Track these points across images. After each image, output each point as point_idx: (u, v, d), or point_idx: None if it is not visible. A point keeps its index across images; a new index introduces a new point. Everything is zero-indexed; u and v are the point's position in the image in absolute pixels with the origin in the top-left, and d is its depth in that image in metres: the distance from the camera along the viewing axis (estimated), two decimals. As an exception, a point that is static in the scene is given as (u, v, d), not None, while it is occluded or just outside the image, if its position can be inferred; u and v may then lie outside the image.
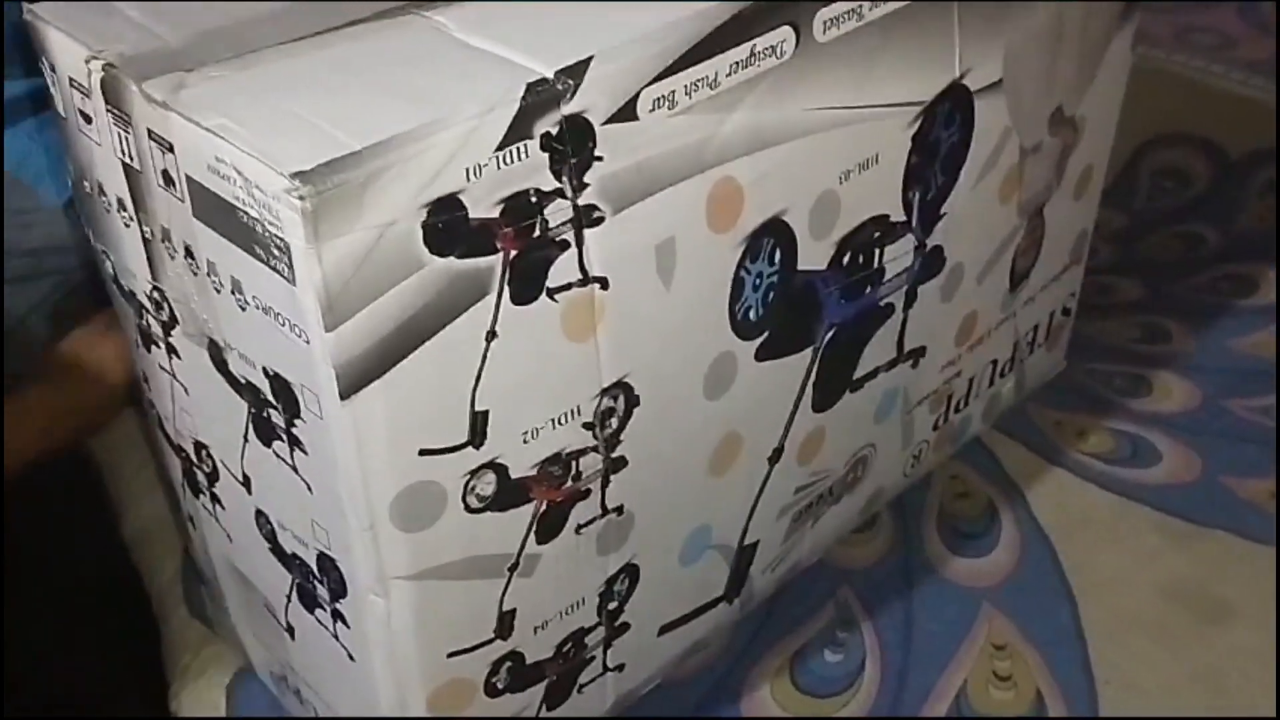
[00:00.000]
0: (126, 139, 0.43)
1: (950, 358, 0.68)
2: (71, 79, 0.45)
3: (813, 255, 0.53)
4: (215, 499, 0.53)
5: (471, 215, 0.40)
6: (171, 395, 0.51)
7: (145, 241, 0.46)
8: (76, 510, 0.76)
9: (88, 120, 0.45)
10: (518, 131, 0.40)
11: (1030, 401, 0.81)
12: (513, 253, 0.42)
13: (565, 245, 0.43)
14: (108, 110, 0.43)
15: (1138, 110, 0.75)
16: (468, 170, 0.39)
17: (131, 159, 0.43)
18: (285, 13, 0.46)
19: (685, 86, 0.45)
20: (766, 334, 0.53)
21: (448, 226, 0.39)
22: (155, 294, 0.47)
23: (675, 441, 0.52)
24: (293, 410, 0.42)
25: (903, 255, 0.59)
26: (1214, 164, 1.04)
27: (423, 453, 0.43)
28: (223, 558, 0.57)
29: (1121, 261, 0.95)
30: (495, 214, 0.41)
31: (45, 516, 0.73)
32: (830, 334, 0.57)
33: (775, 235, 0.51)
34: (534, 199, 0.41)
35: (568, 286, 0.44)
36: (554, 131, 0.41)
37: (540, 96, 0.41)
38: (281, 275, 0.38)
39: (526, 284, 0.42)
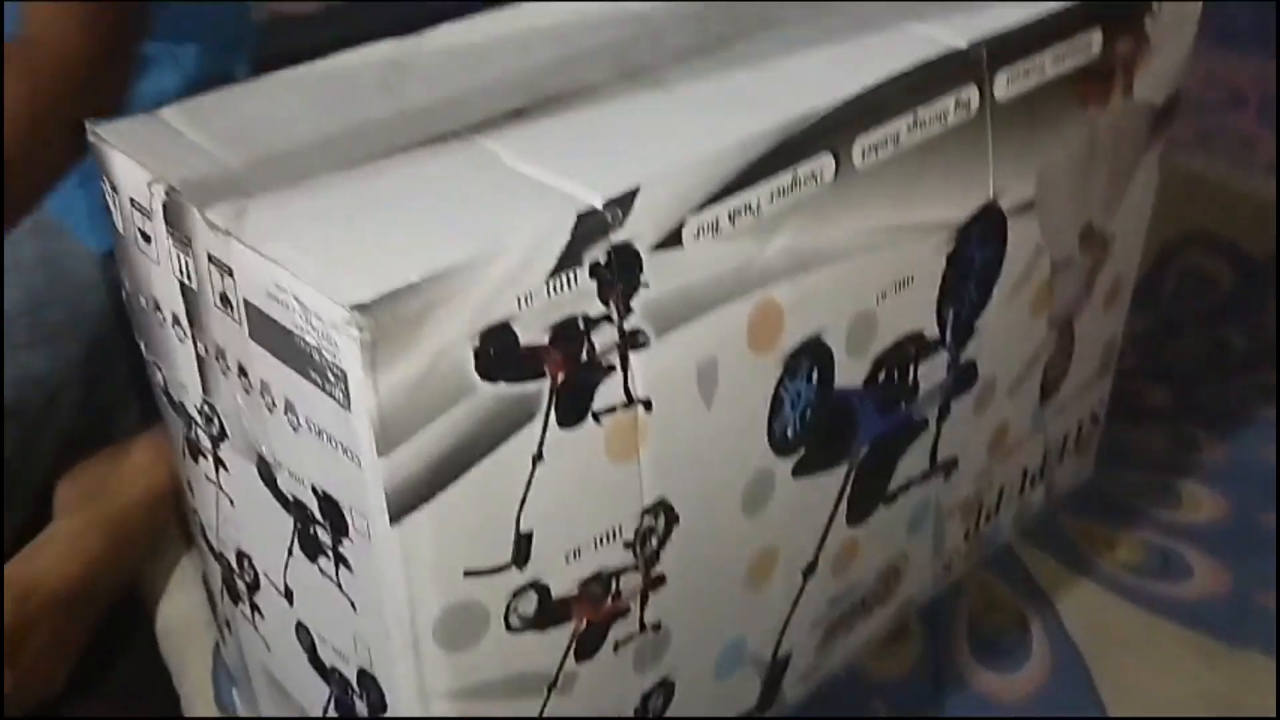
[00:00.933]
0: (185, 261, 0.44)
1: (982, 468, 0.69)
2: (133, 199, 0.46)
3: (850, 373, 0.54)
4: (255, 608, 0.54)
5: (522, 341, 0.41)
6: (216, 506, 0.52)
7: (199, 358, 0.47)
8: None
9: (147, 240, 0.46)
10: (568, 260, 0.41)
11: (1060, 510, 0.80)
12: (560, 377, 0.42)
13: (611, 369, 0.44)
14: (168, 233, 0.44)
15: (1161, 212, 0.76)
16: (519, 298, 0.40)
17: (190, 280, 0.44)
18: (340, 137, 0.47)
19: (729, 213, 0.46)
20: (803, 450, 0.54)
21: (499, 353, 0.40)
22: (206, 408, 0.48)
23: (713, 558, 0.52)
24: (340, 529, 0.43)
25: (937, 370, 0.59)
26: (1238, 267, 1.05)
27: (468, 573, 0.43)
28: (259, 665, 0.57)
29: (1149, 366, 0.95)
30: (544, 340, 0.41)
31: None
32: (865, 449, 0.57)
33: (814, 354, 0.52)
34: (582, 325, 0.42)
35: (612, 409, 0.44)
36: (602, 260, 0.42)
37: (590, 226, 0.42)
38: (336, 400, 0.39)
39: (573, 407, 0.43)
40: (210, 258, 0.42)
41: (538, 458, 0.43)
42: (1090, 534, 0.79)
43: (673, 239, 0.44)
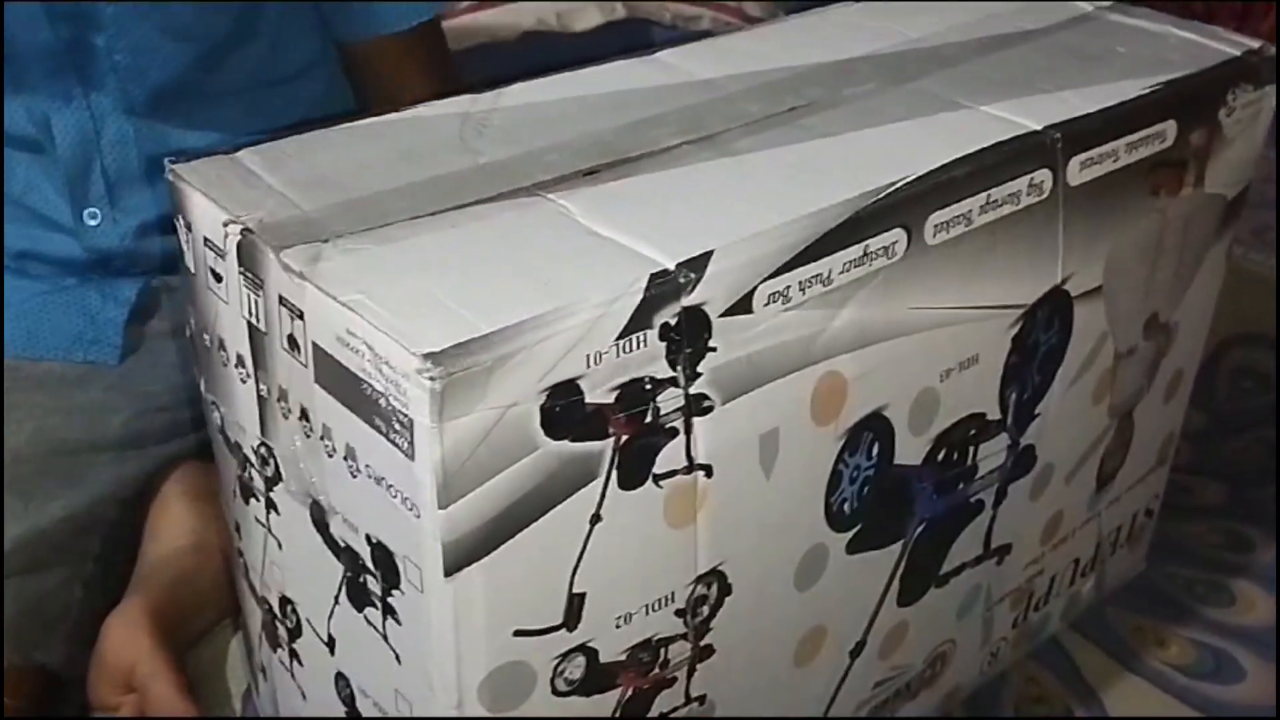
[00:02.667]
0: (256, 301, 0.44)
1: (1034, 556, 0.67)
2: (207, 238, 0.46)
3: (910, 450, 0.53)
4: (294, 655, 0.53)
5: (588, 400, 0.40)
6: (264, 548, 0.51)
7: (260, 399, 0.47)
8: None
9: (217, 279, 0.46)
10: (639, 321, 0.41)
11: (1109, 603, 0.79)
12: (624, 438, 0.42)
13: (674, 433, 0.43)
14: (240, 273, 0.44)
15: (1217, 308, 0.75)
16: (589, 357, 0.40)
17: (258, 321, 0.44)
18: (416, 188, 0.47)
19: (800, 283, 0.45)
20: (859, 527, 0.53)
21: (565, 410, 0.40)
22: (263, 449, 0.48)
23: (763, 632, 0.51)
24: (392, 580, 0.42)
25: (996, 453, 0.58)
26: (1293, 367, 1.03)
27: (517, 633, 0.42)
28: (292, 713, 0.56)
29: (1202, 463, 0.93)
30: (610, 400, 0.41)
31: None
32: (920, 528, 0.56)
33: (875, 430, 0.51)
34: (648, 386, 0.42)
35: (673, 473, 0.44)
36: (672, 322, 0.42)
37: (662, 288, 0.41)
38: (400, 449, 0.39)
39: (634, 469, 0.43)
40: (281, 299, 0.43)
41: (596, 518, 0.42)
42: (1140, 629, 0.77)
43: (743, 305, 0.44)
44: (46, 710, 0.66)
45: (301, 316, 0.42)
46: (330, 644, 0.49)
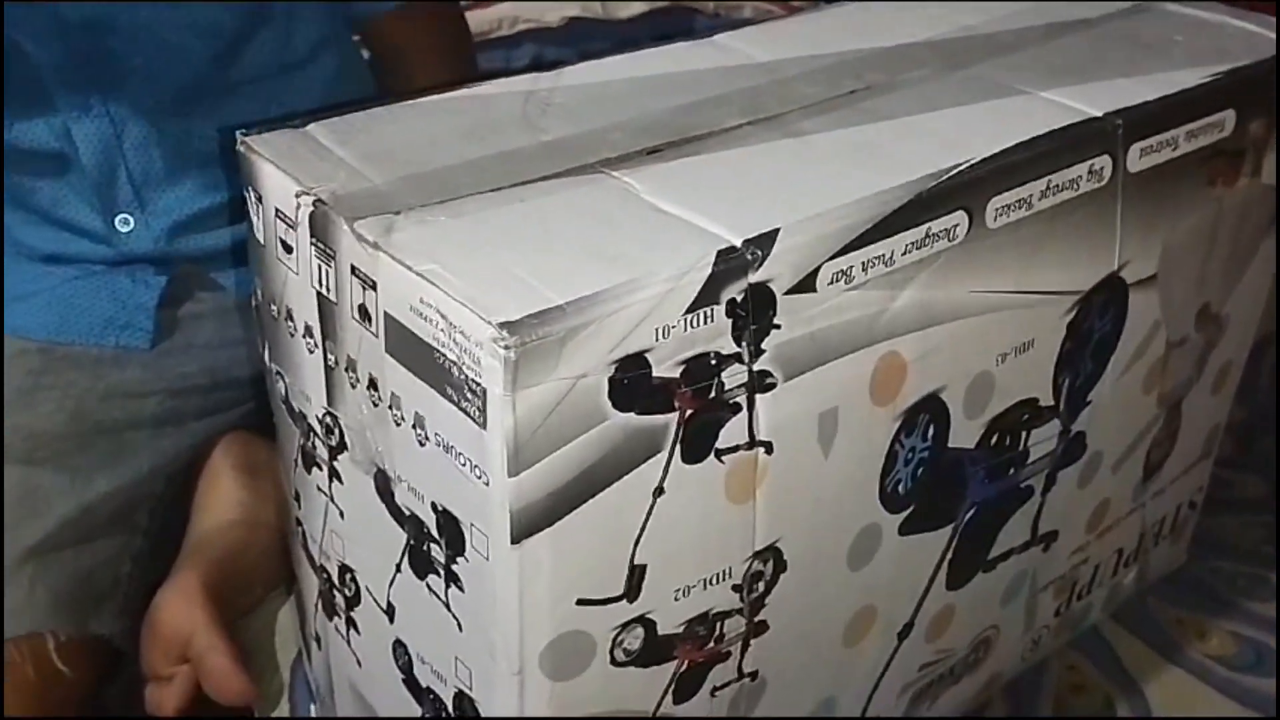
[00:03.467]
0: (326, 271, 0.45)
1: (1080, 544, 0.67)
2: (278, 210, 0.47)
3: (964, 434, 0.53)
4: (351, 623, 0.54)
5: (655, 373, 0.41)
6: (325, 517, 0.52)
7: (327, 369, 0.47)
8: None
9: (288, 250, 0.47)
10: (707, 297, 0.41)
11: (1150, 595, 0.79)
12: (689, 412, 0.42)
13: (737, 408, 0.44)
14: (312, 243, 0.45)
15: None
16: (657, 330, 0.40)
17: (328, 290, 0.45)
18: (483, 163, 0.48)
19: (863, 263, 0.46)
20: (912, 508, 0.53)
21: (632, 383, 0.40)
22: (328, 419, 0.49)
23: (815, 610, 0.52)
24: (457, 548, 0.43)
25: (1047, 439, 0.58)
26: (1336, 363, 1.02)
27: (580, 602, 0.43)
28: (346, 681, 0.57)
29: (1244, 457, 0.93)
30: (676, 374, 0.41)
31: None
32: (971, 512, 0.57)
33: (932, 412, 0.51)
34: (714, 362, 0.42)
35: (735, 448, 0.44)
36: (739, 299, 0.42)
37: (730, 264, 0.42)
38: (471, 418, 0.39)
39: (698, 444, 0.43)
40: (354, 269, 0.43)
41: (659, 490, 0.43)
42: (1181, 621, 0.77)
43: (807, 283, 0.44)
44: (106, 682, 0.67)
45: (374, 287, 0.42)
46: (389, 612, 0.50)
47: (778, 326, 0.44)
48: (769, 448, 0.45)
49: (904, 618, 0.57)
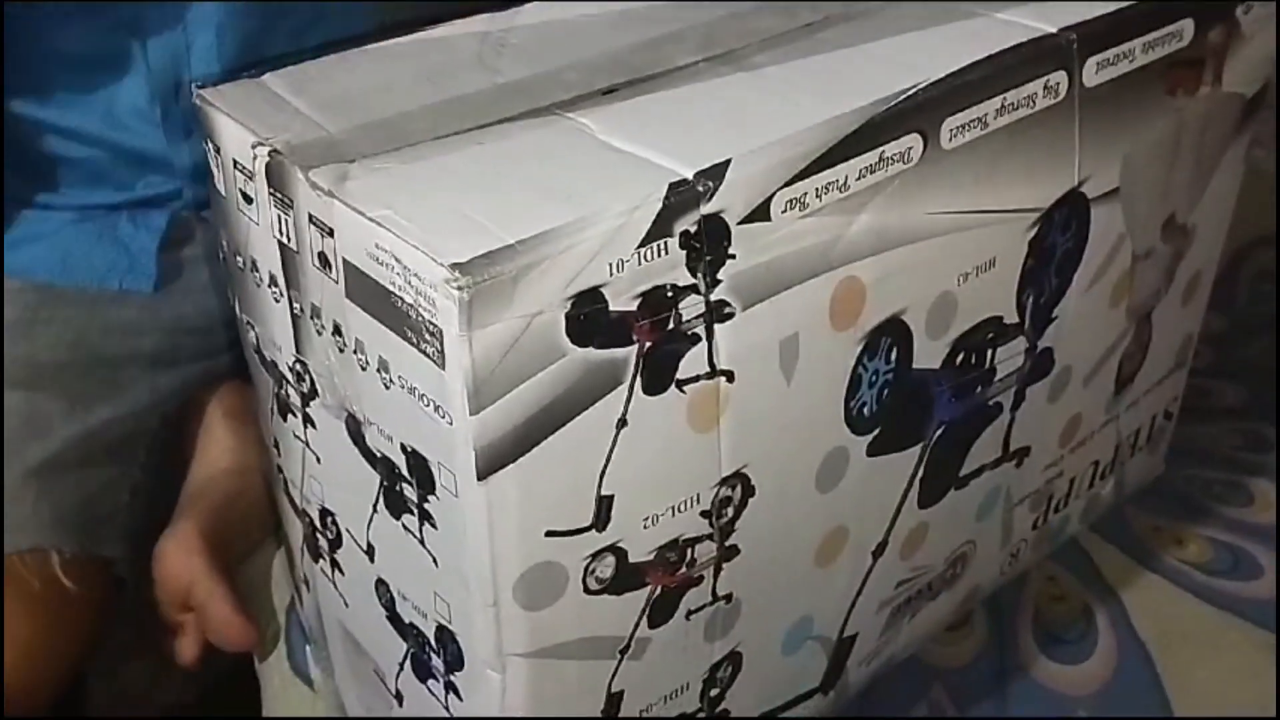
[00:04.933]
0: (286, 221, 0.45)
1: (1053, 458, 0.68)
2: (236, 161, 0.47)
3: (928, 354, 0.54)
4: (335, 564, 0.55)
5: (611, 308, 0.42)
6: (302, 463, 0.53)
7: (294, 317, 0.48)
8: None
9: (248, 200, 0.47)
10: (659, 230, 0.42)
11: (1128, 505, 0.80)
12: (647, 344, 0.43)
13: (696, 339, 0.44)
14: (270, 193, 0.46)
15: (1238, 212, 0.75)
16: (610, 265, 0.41)
17: (289, 240, 0.46)
18: (438, 108, 0.48)
19: (816, 189, 0.46)
20: (879, 430, 0.54)
21: (589, 318, 0.41)
22: (298, 366, 0.49)
23: (785, 532, 0.53)
24: (427, 487, 0.44)
25: (1014, 356, 0.59)
26: (1315, 269, 1.03)
27: (549, 534, 0.44)
28: (335, 621, 0.59)
29: (1222, 365, 0.94)
30: (633, 307, 0.42)
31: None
32: (939, 431, 0.58)
33: (893, 334, 0.52)
34: (670, 294, 0.43)
35: (696, 379, 0.45)
36: (692, 230, 0.43)
37: (681, 197, 0.42)
38: (431, 359, 0.40)
39: (658, 375, 0.44)
40: (311, 218, 0.44)
41: (622, 423, 0.44)
42: (1159, 530, 0.79)
43: (761, 212, 0.45)
44: (111, 612, 0.69)
45: (331, 234, 0.43)
46: (370, 552, 0.51)
47: (733, 256, 0.44)
48: (730, 376, 0.46)
49: (877, 537, 0.58)
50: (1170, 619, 0.73)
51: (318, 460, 0.52)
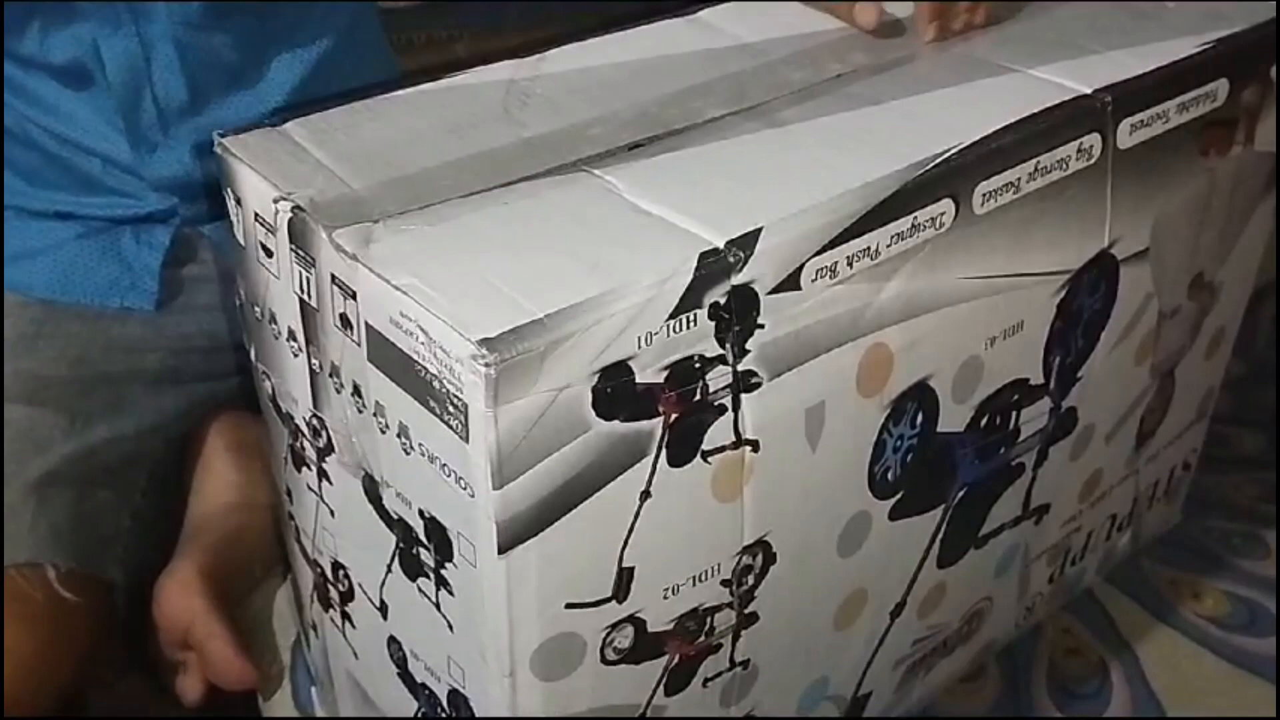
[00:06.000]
0: (307, 279, 0.44)
1: (1072, 514, 0.68)
2: (257, 214, 0.46)
3: (953, 418, 0.53)
4: (346, 617, 0.54)
5: (638, 380, 0.41)
6: (316, 514, 0.52)
7: (312, 373, 0.47)
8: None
9: (268, 254, 0.47)
10: (689, 301, 0.41)
11: (1144, 557, 0.79)
12: (673, 416, 0.42)
13: (723, 409, 0.44)
14: (291, 249, 0.45)
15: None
16: (639, 338, 0.40)
17: (309, 297, 0.45)
18: (463, 163, 0.47)
19: (848, 257, 0.45)
20: (901, 494, 0.53)
21: (616, 391, 0.40)
22: (314, 421, 0.49)
23: (805, 597, 0.52)
24: (445, 554, 0.43)
25: (1038, 417, 0.58)
26: (1334, 314, 1.02)
27: (569, 606, 0.43)
28: (343, 670, 0.58)
29: (1241, 412, 0.93)
30: (660, 379, 0.41)
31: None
32: (961, 493, 0.57)
33: (920, 399, 0.51)
34: (697, 365, 0.42)
35: (721, 449, 0.44)
36: (722, 301, 0.42)
37: (712, 268, 0.41)
38: (454, 431, 0.39)
39: (683, 446, 0.43)
40: (334, 279, 0.43)
41: (645, 495, 0.43)
42: (1175, 582, 0.78)
43: (791, 282, 0.44)
44: (112, 614, 0.68)
45: (354, 297, 0.42)
46: (383, 609, 0.50)
47: (761, 326, 0.43)
48: (755, 446, 0.45)
49: (895, 598, 0.58)
50: (1185, 674, 0.72)
51: (331, 514, 0.51)
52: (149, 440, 0.73)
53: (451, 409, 0.39)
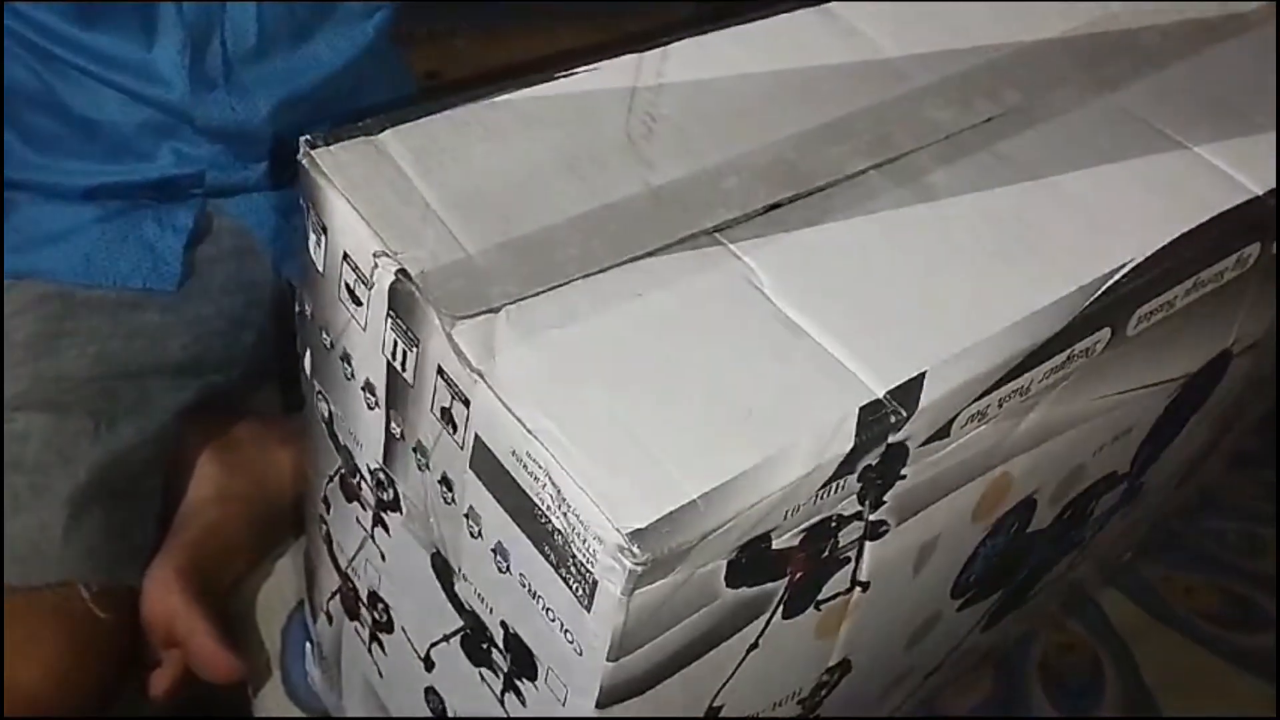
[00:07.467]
0: (406, 355, 0.39)
1: (1099, 551, 0.66)
2: (347, 254, 0.40)
3: (1042, 519, 0.51)
4: (377, 640, 0.51)
5: (774, 547, 0.37)
6: (360, 546, 0.48)
7: (389, 435, 0.42)
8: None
9: (355, 301, 0.41)
10: (844, 469, 0.37)
11: (1139, 555, 0.79)
12: (799, 575, 0.39)
13: (846, 561, 0.40)
14: (389, 315, 0.39)
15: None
16: (787, 511, 0.36)
17: (404, 371, 0.39)
18: (587, 223, 0.41)
19: (1000, 399, 0.41)
20: (975, 591, 0.51)
21: (751, 561, 0.36)
22: (382, 475, 0.44)
23: (865, 696, 0.50)
24: (527, 673, 0.40)
25: (1114, 498, 0.56)
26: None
27: (652, 742, 0.41)
28: (359, 674, 0.55)
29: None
30: (795, 543, 0.38)
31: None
32: (1024, 573, 0.55)
33: (1021, 513, 0.48)
34: (834, 524, 0.38)
35: (835, 596, 0.41)
36: (875, 464, 0.38)
37: (873, 430, 0.37)
38: (574, 593, 0.35)
39: (801, 600, 0.40)
40: (442, 373, 0.37)
41: (753, 647, 0.40)
42: (1169, 580, 0.78)
43: (943, 432, 0.40)
44: (133, 627, 0.65)
45: (467, 404, 0.37)
46: (427, 662, 0.47)
47: (903, 478, 0.40)
48: (866, 587, 0.42)
49: (934, 664, 0.56)
50: (1178, 670, 0.72)
51: (382, 558, 0.47)
52: (167, 440, 0.69)
53: (575, 572, 0.35)
